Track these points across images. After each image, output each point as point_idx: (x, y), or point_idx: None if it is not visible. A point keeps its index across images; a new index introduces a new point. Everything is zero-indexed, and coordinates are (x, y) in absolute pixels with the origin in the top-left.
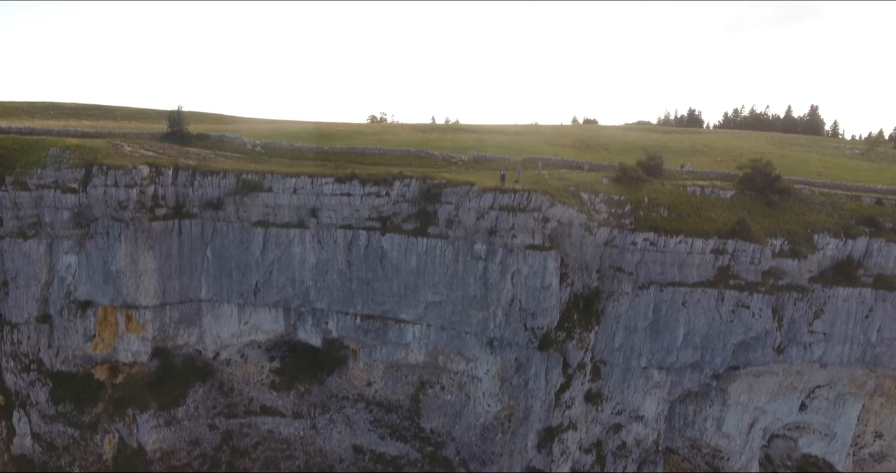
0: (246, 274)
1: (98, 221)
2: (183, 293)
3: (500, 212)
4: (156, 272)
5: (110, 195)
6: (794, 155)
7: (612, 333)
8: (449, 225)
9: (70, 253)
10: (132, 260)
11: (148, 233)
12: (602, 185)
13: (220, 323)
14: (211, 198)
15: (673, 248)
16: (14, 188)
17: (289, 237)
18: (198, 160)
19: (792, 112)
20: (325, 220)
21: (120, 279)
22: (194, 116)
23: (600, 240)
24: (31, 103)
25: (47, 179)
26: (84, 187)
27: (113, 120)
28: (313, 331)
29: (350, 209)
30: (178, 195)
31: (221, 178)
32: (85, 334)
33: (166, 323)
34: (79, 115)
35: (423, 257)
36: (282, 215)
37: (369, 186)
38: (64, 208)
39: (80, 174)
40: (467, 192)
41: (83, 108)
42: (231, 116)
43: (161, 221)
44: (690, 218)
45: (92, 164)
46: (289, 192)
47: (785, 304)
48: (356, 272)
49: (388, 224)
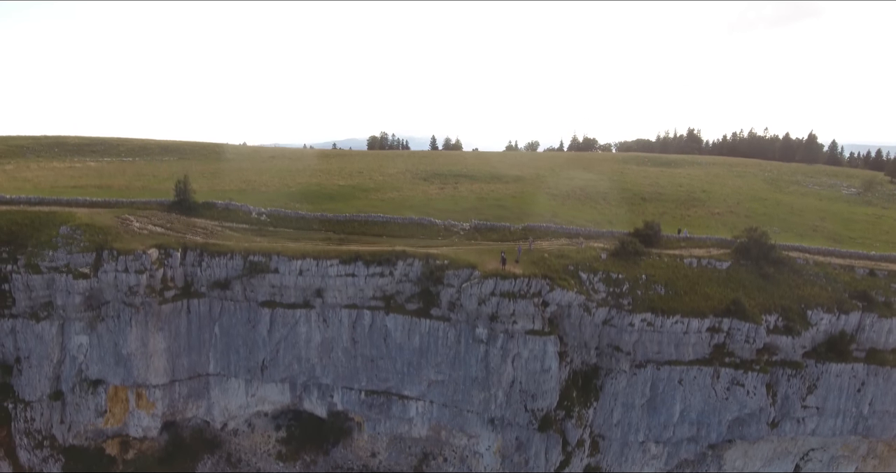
0: (253, 352)
1: (109, 304)
2: (192, 368)
3: (501, 299)
4: (165, 351)
5: (121, 280)
6: (791, 201)
7: (610, 409)
8: (451, 307)
9: (82, 334)
10: (142, 343)
11: (158, 316)
12: (600, 262)
13: (227, 396)
14: (219, 279)
15: (670, 328)
16: (27, 271)
17: (295, 317)
18: (205, 235)
19: (791, 136)
20: (331, 300)
21: (130, 361)
22: (196, 148)
23: (599, 320)
24: (36, 139)
25: (59, 262)
26: (95, 272)
27: (117, 156)
28: (319, 403)
29: (355, 289)
30: (187, 275)
31: (229, 259)
32: (96, 410)
33: (175, 398)
34: (82, 152)
35: (425, 338)
36: (288, 295)
37: (373, 267)
38: (76, 293)
39: (90, 258)
40: (469, 276)
41: (87, 144)
42: (228, 145)
43: (170, 303)
44: (687, 296)
45: (102, 248)
46: (295, 274)
47: (779, 380)
48: (361, 350)
49: (391, 303)
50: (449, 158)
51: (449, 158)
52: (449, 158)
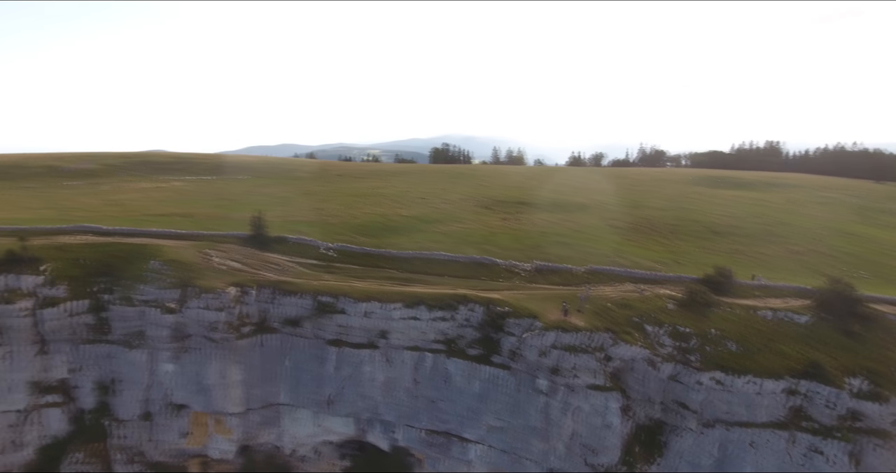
0: (321, 386)
1: (192, 337)
2: (265, 398)
3: (562, 352)
4: (241, 383)
5: (203, 317)
6: (882, 237)
7: (675, 468)
8: (512, 356)
9: (168, 363)
10: (221, 375)
11: (235, 350)
12: (667, 313)
13: (296, 425)
14: (290, 317)
15: (741, 388)
16: (122, 303)
17: (360, 357)
18: (277, 272)
19: (883, 150)
20: (395, 342)
21: (211, 391)
22: (268, 166)
23: (664, 375)
24: (126, 157)
25: (149, 296)
26: (181, 307)
27: (196, 174)
28: (382, 437)
29: (417, 332)
30: (261, 311)
31: (299, 298)
32: (180, 432)
33: (250, 425)
34: (166, 170)
35: (486, 384)
36: (354, 335)
37: (435, 311)
38: (164, 326)
39: (176, 294)
40: (530, 326)
41: (170, 162)
42: (297, 160)
43: (246, 338)
44: (761, 353)
45: (187, 284)
46: (360, 316)
47: (864, 450)
48: (422, 390)
49: (452, 347)
50: (511, 180)
51: (511, 180)
52: (511, 180)
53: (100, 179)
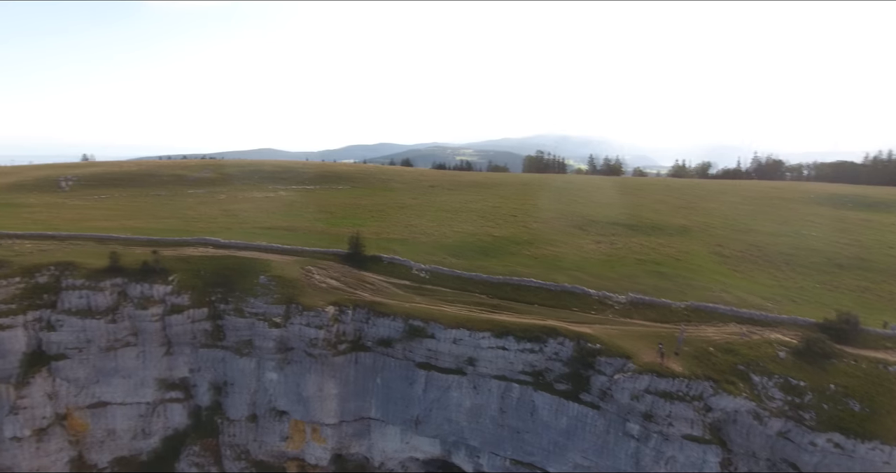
0: (409, 406)
1: (294, 351)
2: (357, 412)
3: (656, 398)
4: (336, 396)
5: (304, 333)
6: None
7: None
8: (602, 396)
9: (273, 372)
10: (319, 388)
11: (331, 366)
12: (778, 363)
13: (385, 440)
14: (382, 337)
15: (865, 455)
16: (234, 314)
17: (448, 382)
18: (372, 292)
19: None
20: (482, 370)
21: (309, 402)
22: (365, 175)
23: (772, 431)
24: (240, 166)
25: (258, 309)
26: (285, 322)
27: (300, 183)
28: (466, 460)
29: (505, 362)
30: (357, 330)
31: (392, 321)
32: (280, 435)
33: (343, 436)
34: (274, 179)
35: (573, 421)
36: (443, 360)
37: (524, 342)
38: (270, 338)
39: (281, 310)
40: (622, 367)
41: (277, 171)
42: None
43: (342, 355)
44: (891, 416)
45: (291, 301)
46: (449, 342)
47: None
48: (508, 420)
49: (540, 379)
50: (606, 195)
51: (606, 195)
52: (606, 195)
53: (217, 187)
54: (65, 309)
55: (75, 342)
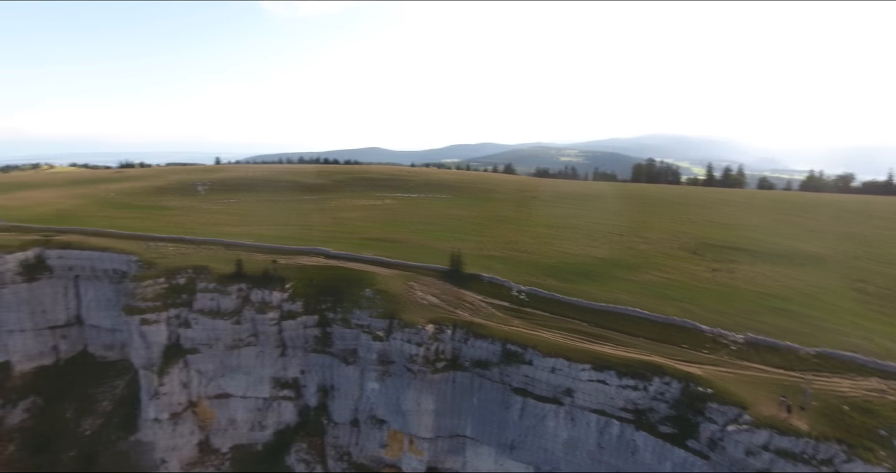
0: (503, 430)
1: (395, 364)
2: (452, 429)
3: (776, 457)
4: (433, 412)
5: (404, 349)
6: None
7: None
8: (711, 445)
9: (374, 382)
10: (417, 402)
11: (429, 382)
12: None
13: (478, 459)
14: (479, 359)
15: None
16: (341, 324)
17: (544, 410)
18: (471, 311)
19: None
20: (580, 402)
21: (407, 415)
22: (468, 184)
23: None
24: (350, 173)
25: (363, 321)
26: (387, 336)
27: (405, 191)
28: None
29: (605, 396)
30: (454, 349)
31: (489, 344)
32: (379, 442)
33: (438, 450)
34: (380, 187)
35: (678, 467)
36: (539, 388)
37: (626, 378)
38: (372, 350)
39: (384, 324)
40: (736, 417)
41: (383, 179)
42: (493, 175)
43: (440, 373)
44: None
45: (393, 316)
46: (547, 370)
47: None
48: (606, 457)
49: (642, 419)
50: (725, 213)
51: (725, 213)
52: (725, 213)
53: (329, 194)
54: (198, 309)
55: (206, 339)
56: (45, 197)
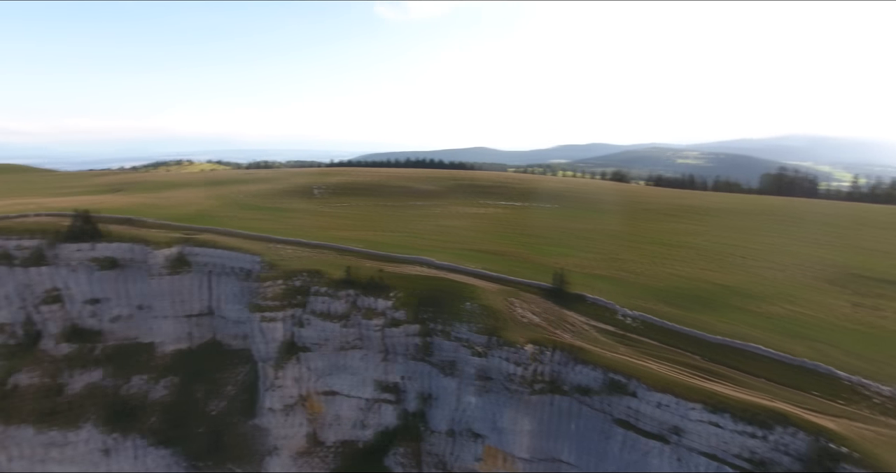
0: (602, 460)
1: (493, 381)
2: (548, 452)
3: None
4: (529, 433)
5: (503, 367)
6: None
7: None
8: None
9: (472, 396)
10: (513, 421)
11: (527, 403)
12: None
13: None
14: (580, 385)
15: None
16: (441, 336)
17: (647, 446)
18: (573, 334)
19: None
20: (688, 442)
21: (503, 433)
22: (575, 194)
23: None
24: (457, 180)
25: (462, 335)
26: (486, 352)
27: (508, 199)
28: None
29: (718, 440)
30: (554, 372)
31: (591, 370)
32: (474, 456)
33: (533, 472)
34: (484, 194)
35: None
36: (644, 422)
37: (743, 424)
38: (471, 365)
39: (484, 340)
40: None
41: (488, 186)
42: (602, 182)
43: (538, 395)
44: None
45: (493, 333)
46: (652, 405)
47: None
48: None
49: (760, 469)
50: (875, 236)
51: (875, 236)
52: (875, 236)
53: (437, 201)
54: (312, 311)
55: (317, 339)
56: (187, 197)
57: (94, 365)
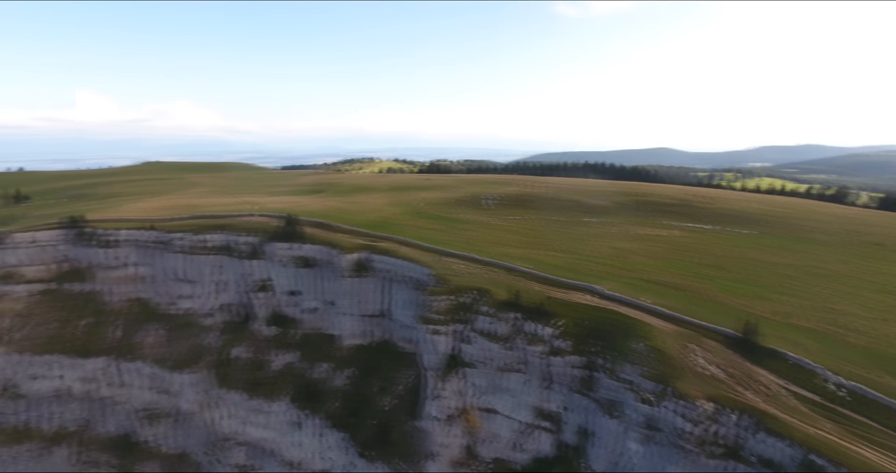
0: None
1: (661, 433)
2: None
3: None
4: None
5: (673, 422)
6: None
7: None
8: None
9: (637, 443)
10: None
11: (702, 466)
12: None
13: None
14: (769, 459)
15: None
16: (606, 373)
17: None
18: (765, 397)
19: None
20: None
21: None
22: (778, 219)
23: None
24: (634, 194)
25: (630, 377)
26: (656, 402)
27: (694, 221)
28: None
29: None
30: (736, 437)
31: (785, 446)
32: None
33: None
34: (663, 213)
35: None
36: None
37: None
38: (638, 411)
39: (653, 387)
40: None
41: (671, 204)
42: (810, 203)
43: (716, 459)
44: None
45: (665, 381)
46: None
47: None
48: None
49: None
50: None
51: None
52: None
53: (610, 218)
54: (476, 329)
55: (481, 357)
56: (372, 203)
57: (290, 348)
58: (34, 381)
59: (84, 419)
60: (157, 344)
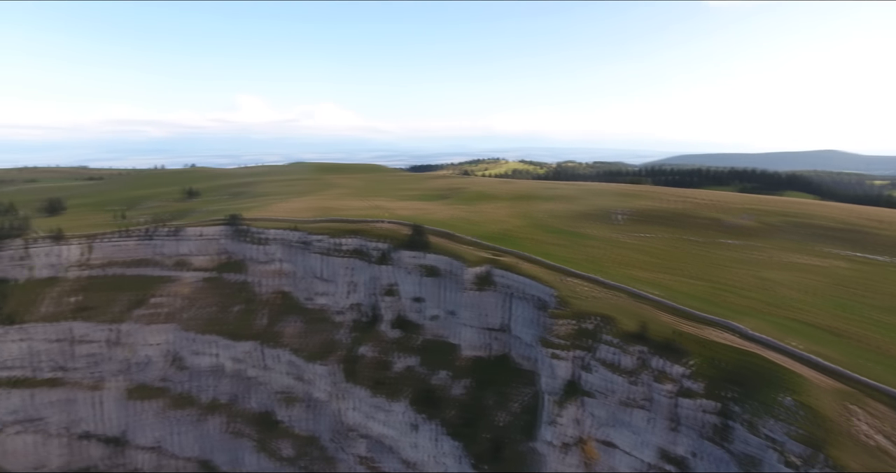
0: None
1: None
2: None
3: None
4: None
5: None
6: None
7: None
8: None
9: None
10: None
11: None
12: None
13: None
14: None
15: None
16: (745, 426)
17: None
18: None
19: None
20: None
21: None
22: None
23: None
24: (784, 214)
25: (773, 434)
26: (805, 468)
27: (867, 251)
28: None
29: None
30: None
31: None
32: None
33: None
34: (829, 237)
35: None
36: None
37: None
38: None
39: (803, 451)
40: None
41: (834, 228)
42: None
43: None
44: None
45: (817, 446)
46: None
47: None
48: None
49: None
50: None
51: None
52: None
53: (755, 241)
54: (598, 358)
55: (602, 387)
56: (495, 213)
57: (412, 351)
58: (196, 356)
59: (233, 394)
60: (295, 334)
